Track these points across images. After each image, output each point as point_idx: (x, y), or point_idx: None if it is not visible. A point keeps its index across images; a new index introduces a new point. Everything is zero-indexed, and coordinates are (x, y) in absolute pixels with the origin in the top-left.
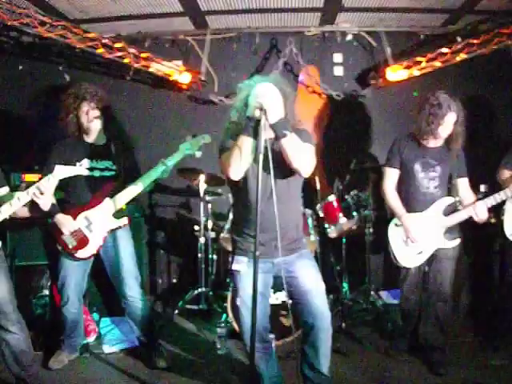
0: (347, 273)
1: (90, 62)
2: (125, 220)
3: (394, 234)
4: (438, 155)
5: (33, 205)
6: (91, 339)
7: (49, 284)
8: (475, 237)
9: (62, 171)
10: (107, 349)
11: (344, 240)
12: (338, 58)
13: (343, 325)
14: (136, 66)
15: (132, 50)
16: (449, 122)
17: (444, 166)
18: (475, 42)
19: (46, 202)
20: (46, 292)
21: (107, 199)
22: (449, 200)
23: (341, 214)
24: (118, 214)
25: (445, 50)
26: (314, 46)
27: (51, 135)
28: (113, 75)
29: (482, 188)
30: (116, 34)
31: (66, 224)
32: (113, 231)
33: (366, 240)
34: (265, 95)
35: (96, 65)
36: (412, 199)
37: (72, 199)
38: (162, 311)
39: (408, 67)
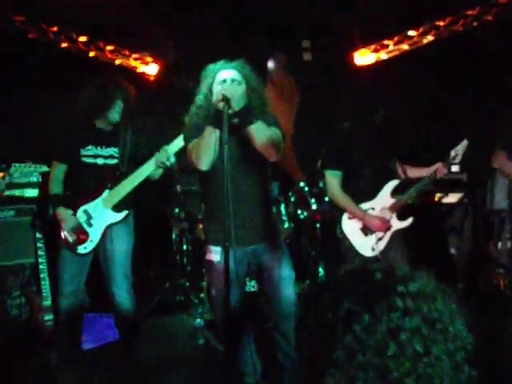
0: (323, 258)
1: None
2: (124, 213)
3: (349, 226)
4: None
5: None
6: None
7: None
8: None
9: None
10: (86, 345)
11: (318, 225)
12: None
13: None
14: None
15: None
16: None
17: None
18: (441, 24)
19: None
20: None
21: (107, 191)
22: (394, 182)
23: (313, 200)
24: (117, 208)
25: (412, 32)
26: None
27: None
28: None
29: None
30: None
31: (67, 219)
32: (112, 226)
33: None
34: (227, 84)
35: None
36: None
37: (72, 188)
38: (139, 304)
39: (376, 51)
